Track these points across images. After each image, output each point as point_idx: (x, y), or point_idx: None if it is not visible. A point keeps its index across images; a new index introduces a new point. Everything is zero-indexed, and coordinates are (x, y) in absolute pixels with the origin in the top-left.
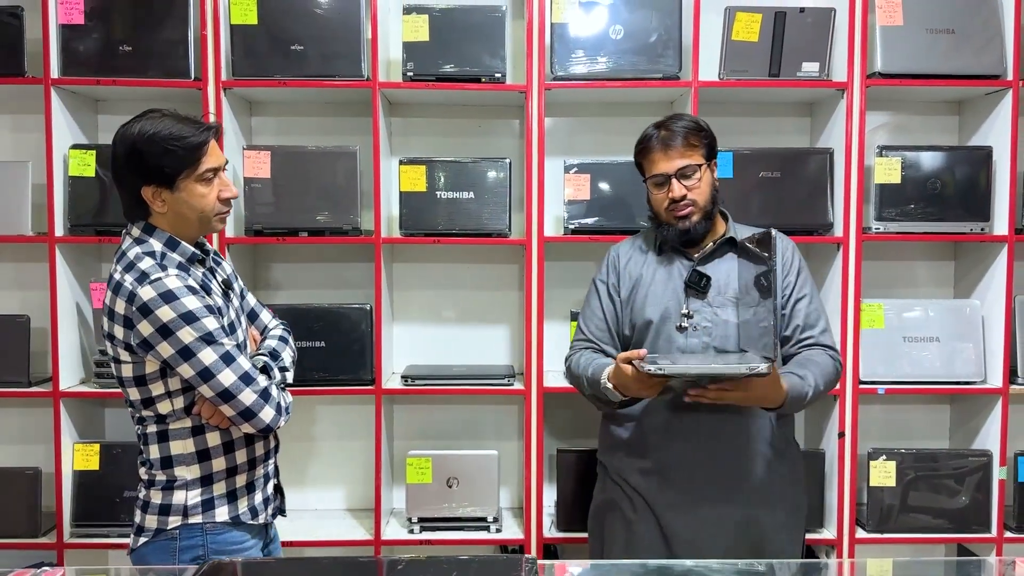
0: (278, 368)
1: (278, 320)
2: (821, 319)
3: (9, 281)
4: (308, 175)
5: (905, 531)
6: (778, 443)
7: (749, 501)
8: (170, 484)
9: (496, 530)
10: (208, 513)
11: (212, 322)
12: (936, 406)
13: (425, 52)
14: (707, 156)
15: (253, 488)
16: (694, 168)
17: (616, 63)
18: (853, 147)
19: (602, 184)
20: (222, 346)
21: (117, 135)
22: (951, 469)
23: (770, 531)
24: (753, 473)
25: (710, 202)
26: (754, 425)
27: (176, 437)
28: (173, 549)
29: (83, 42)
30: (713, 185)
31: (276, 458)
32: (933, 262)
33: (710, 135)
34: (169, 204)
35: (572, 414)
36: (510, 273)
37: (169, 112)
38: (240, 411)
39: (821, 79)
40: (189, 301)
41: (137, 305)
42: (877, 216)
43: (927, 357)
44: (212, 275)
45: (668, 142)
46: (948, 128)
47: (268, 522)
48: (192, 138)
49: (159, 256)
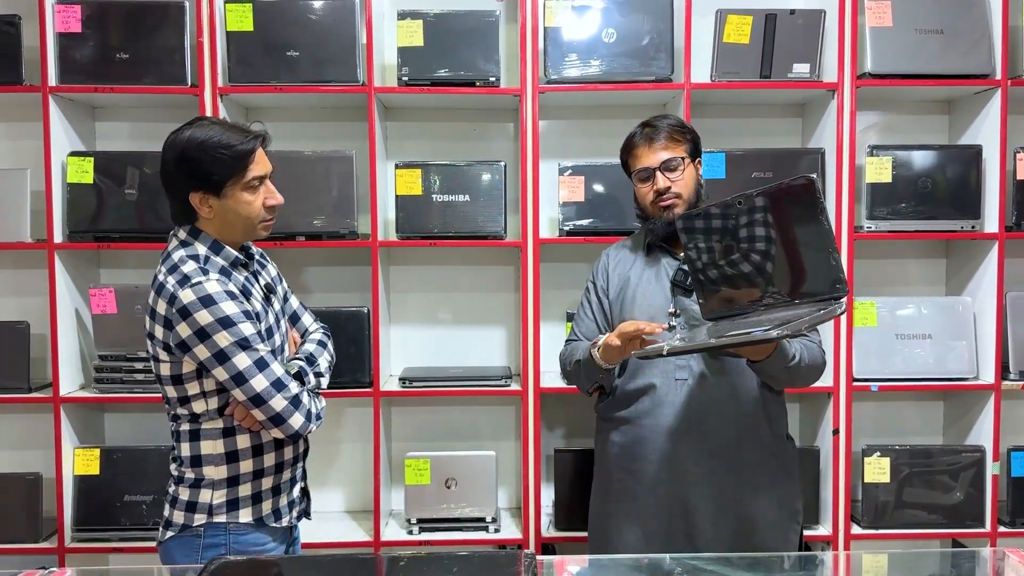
0: (313, 373)
1: (319, 324)
2: None
3: (8, 288)
4: (305, 180)
5: (900, 527)
6: (771, 440)
7: (742, 497)
8: (198, 482)
9: (495, 530)
10: (232, 513)
11: (249, 327)
12: (929, 402)
13: (420, 57)
14: (691, 153)
15: (279, 491)
16: (678, 161)
17: (609, 66)
18: (844, 147)
19: (596, 186)
20: (256, 352)
21: (167, 141)
22: (945, 465)
23: (764, 525)
24: (746, 468)
25: (694, 196)
26: (748, 422)
27: (207, 437)
28: (197, 546)
29: (80, 50)
30: (698, 181)
31: (305, 462)
32: (925, 260)
33: (693, 133)
34: (216, 210)
35: (569, 414)
36: (506, 275)
37: (217, 120)
38: (270, 416)
39: (812, 80)
40: (227, 306)
41: (177, 307)
42: (869, 215)
43: (920, 354)
44: (256, 279)
45: (652, 137)
46: (938, 127)
47: (292, 525)
48: (240, 146)
49: (202, 260)
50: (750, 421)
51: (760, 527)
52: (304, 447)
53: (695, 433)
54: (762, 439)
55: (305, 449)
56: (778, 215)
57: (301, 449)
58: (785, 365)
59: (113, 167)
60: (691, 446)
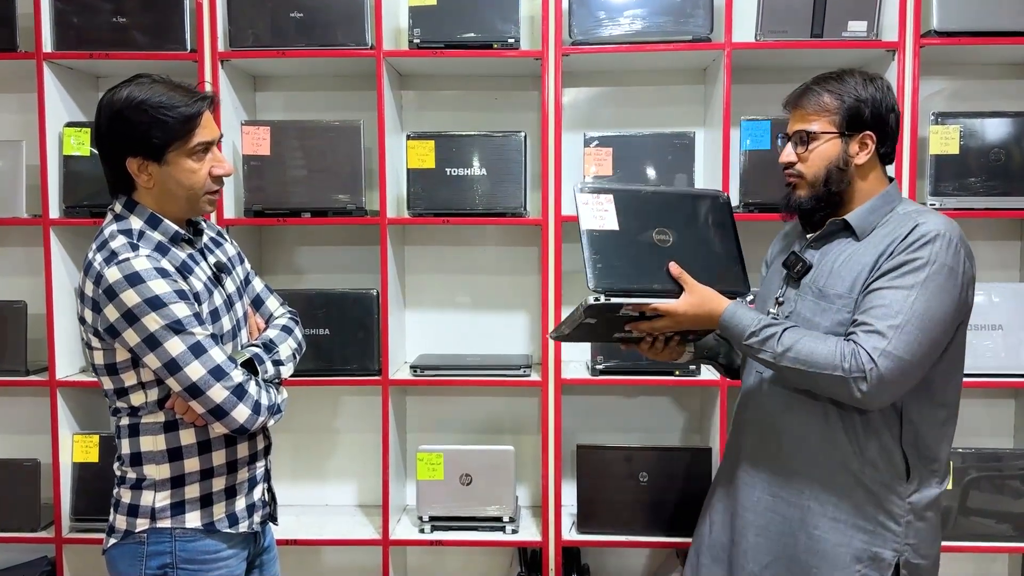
0: (271, 361)
1: (286, 308)
2: (888, 316)
3: (6, 266)
4: (311, 152)
5: (964, 538)
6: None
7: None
8: (139, 483)
9: (512, 531)
10: (178, 518)
11: (182, 309)
12: (999, 400)
13: (432, 17)
14: (842, 124)
15: (234, 493)
16: (807, 135)
17: (640, 25)
18: (906, 114)
19: (626, 159)
20: (192, 336)
21: (103, 100)
22: (1016, 470)
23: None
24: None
25: (821, 180)
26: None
27: (147, 432)
28: (140, 554)
29: (76, 15)
30: (836, 163)
31: (268, 460)
32: (997, 242)
33: (860, 96)
34: (156, 179)
35: (594, 407)
36: (528, 256)
37: (161, 78)
38: (210, 408)
39: (869, 39)
40: (156, 285)
41: (103, 287)
42: (933, 191)
43: (989, 347)
44: (203, 256)
45: (793, 100)
46: (1014, 93)
47: (255, 531)
48: (184, 108)
49: (136, 235)
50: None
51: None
52: (265, 444)
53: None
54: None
55: (267, 446)
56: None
57: (260, 446)
58: (743, 347)
59: None
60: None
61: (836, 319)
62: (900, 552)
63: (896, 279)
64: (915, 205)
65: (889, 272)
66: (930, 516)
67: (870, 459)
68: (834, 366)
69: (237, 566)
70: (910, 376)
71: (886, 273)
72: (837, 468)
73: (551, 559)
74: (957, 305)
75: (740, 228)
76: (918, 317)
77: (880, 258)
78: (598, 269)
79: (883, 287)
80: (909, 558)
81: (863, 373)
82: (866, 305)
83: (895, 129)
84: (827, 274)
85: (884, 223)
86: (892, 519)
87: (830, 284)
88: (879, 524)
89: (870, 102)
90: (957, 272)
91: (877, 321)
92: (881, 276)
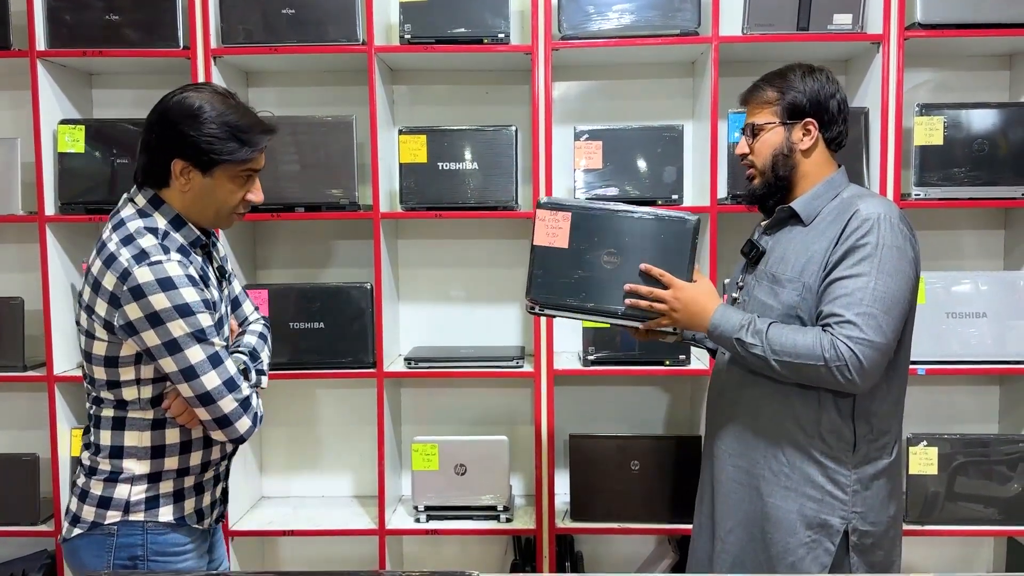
0: (255, 371)
1: (259, 314)
2: (854, 304)
3: (1, 263)
4: (303, 147)
5: (950, 522)
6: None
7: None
8: (114, 476)
9: (506, 519)
10: (151, 511)
11: (207, 319)
12: (984, 387)
13: (423, 12)
14: (783, 114)
15: (202, 489)
16: (755, 127)
17: (629, 19)
18: (890, 106)
19: (616, 152)
20: (212, 346)
21: (173, 98)
22: (1002, 455)
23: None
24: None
25: (770, 167)
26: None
27: (133, 427)
28: (109, 546)
29: (69, 13)
30: (781, 149)
31: (230, 462)
32: (981, 231)
33: (798, 88)
34: (194, 185)
35: (586, 397)
36: (520, 248)
37: (229, 93)
38: (216, 417)
39: (855, 32)
40: (188, 293)
41: (130, 286)
42: (918, 181)
43: (974, 334)
44: (210, 261)
45: (744, 97)
46: (997, 84)
47: (211, 528)
48: (255, 135)
49: (161, 235)
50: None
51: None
52: (233, 447)
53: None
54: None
55: (233, 449)
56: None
57: (230, 449)
58: (731, 347)
59: (105, 135)
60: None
61: (787, 301)
62: (848, 519)
63: (852, 267)
64: (858, 189)
65: (843, 261)
66: (878, 485)
67: (820, 432)
68: (816, 356)
69: (199, 559)
70: (886, 354)
71: (840, 262)
72: (788, 441)
73: (545, 547)
74: (910, 281)
75: (727, 220)
76: (880, 300)
77: (829, 247)
78: (537, 283)
79: (842, 276)
80: (857, 525)
81: (843, 362)
82: (830, 296)
83: (837, 114)
84: (779, 260)
85: (829, 208)
86: (839, 488)
87: (781, 269)
88: (827, 493)
89: (808, 92)
90: (905, 250)
91: (846, 311)
92: (836, 266)
